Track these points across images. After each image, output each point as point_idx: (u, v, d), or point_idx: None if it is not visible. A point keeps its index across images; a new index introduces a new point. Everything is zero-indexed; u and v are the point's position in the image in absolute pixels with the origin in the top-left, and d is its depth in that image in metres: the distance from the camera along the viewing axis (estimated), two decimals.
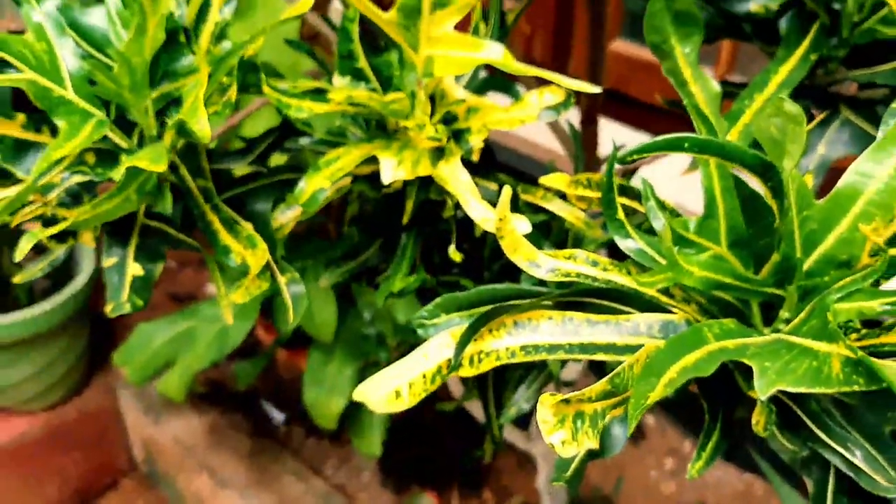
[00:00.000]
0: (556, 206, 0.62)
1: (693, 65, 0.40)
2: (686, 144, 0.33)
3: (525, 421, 1.26)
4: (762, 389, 0.34)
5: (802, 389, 0.34)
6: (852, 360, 0.33)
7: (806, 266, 0.38)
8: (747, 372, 0.37)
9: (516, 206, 0.63)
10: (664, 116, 1.02)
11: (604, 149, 0.95)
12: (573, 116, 0.85)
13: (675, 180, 0.70)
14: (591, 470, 1.58)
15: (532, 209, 0.64)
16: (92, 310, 1.73)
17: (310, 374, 1.39)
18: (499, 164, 0.66)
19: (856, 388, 0.33)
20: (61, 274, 1.64)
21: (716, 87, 0.41)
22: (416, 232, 0.63)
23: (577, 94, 0.94)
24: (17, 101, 0.62)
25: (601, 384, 0.34)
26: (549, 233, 0.66)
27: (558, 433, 0.33)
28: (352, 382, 1.33)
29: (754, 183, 0.38)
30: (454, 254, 0.61)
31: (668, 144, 0.34)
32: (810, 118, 0.63)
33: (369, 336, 1.41)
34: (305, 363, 1.43)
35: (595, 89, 0.49)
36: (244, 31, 1.06)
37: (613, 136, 0.63)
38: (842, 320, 0.36)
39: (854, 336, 0.37)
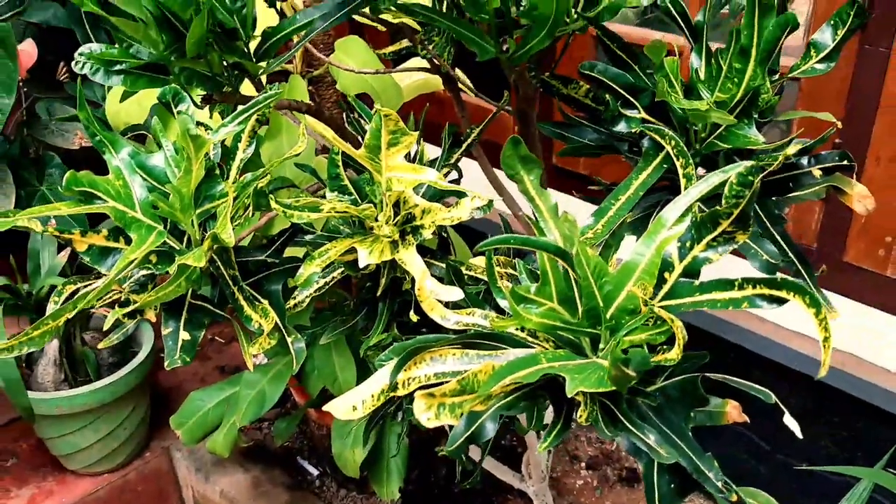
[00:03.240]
0: None
1: (537, 188, 0.62)
2: (512, 241, 0.55)
3: (518, 465, 1.45)
4: (570, 390, 0.54)
5: (592, 389, 0.54)
6: (613, 371, 0.54)
7: (609, 314, 0.59)
8: None
9: (461, 279, 0.84)
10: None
11: None
12: None
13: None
14: None
15: (476, 281, 0.86)
16: (151, 382, 1.97)
17: (336, 429, 1.60)
18: (450, 248, 0.88)
19: (619, 387, 0.53)
20: (125, 353, 1.89)
21: (552, 200, 0.62)
22: (389, 301, 0.85)
23: None
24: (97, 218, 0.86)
25: (453, 385, 0.54)
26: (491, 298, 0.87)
27: (425, 413, 0.54)
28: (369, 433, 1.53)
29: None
30: (413, 316, 0.82)
31: (502, 241, 0.55)
32: None
33: None
34: (332, 420, 1.64)
35: (487, 200, 0.71)
36: (272, 149, 1.30)
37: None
38: (624, 347, 0.57)
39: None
